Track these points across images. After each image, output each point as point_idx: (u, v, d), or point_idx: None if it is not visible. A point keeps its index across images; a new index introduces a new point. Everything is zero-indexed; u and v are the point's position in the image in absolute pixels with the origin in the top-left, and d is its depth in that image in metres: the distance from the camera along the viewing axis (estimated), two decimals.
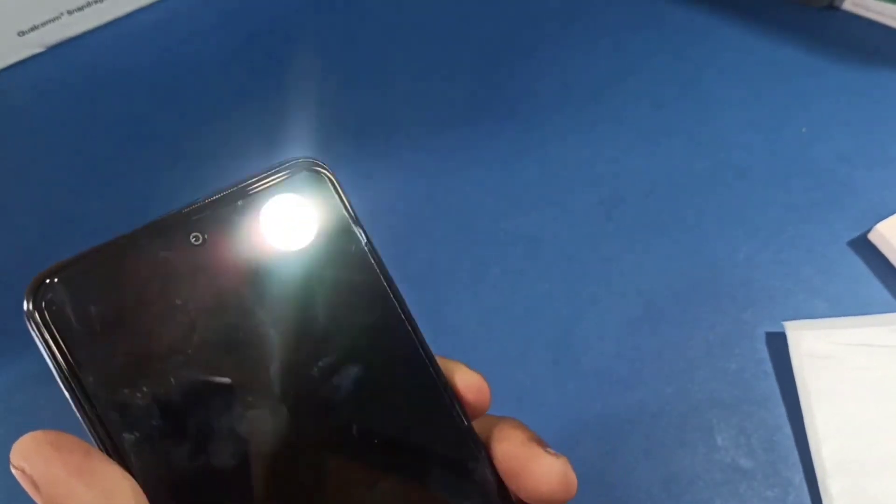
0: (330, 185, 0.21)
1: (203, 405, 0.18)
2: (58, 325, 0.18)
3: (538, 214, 0.38)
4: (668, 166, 0.39)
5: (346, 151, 0.40)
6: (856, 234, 0.36)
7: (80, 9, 0.43)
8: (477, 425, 0.21)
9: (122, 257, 0.19)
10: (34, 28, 0.42)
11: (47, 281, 0.18)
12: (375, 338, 0.21)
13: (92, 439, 0.18)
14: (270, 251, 0.20)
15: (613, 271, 0.36)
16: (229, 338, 0.19)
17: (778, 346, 0.33)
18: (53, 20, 0.43)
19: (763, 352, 0.33)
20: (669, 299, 0.35)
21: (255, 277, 0.20)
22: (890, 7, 0.43)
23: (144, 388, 0.18)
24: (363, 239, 0.21)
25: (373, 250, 0.21)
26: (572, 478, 0.20)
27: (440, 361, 0.22)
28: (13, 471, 0.17)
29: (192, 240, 0.19)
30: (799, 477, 0.30)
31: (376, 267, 0.21)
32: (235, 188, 0.20)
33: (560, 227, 0.37)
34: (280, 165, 0.21)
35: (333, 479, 0.20)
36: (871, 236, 0.36)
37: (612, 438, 0.32)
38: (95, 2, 0.43)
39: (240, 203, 0.20)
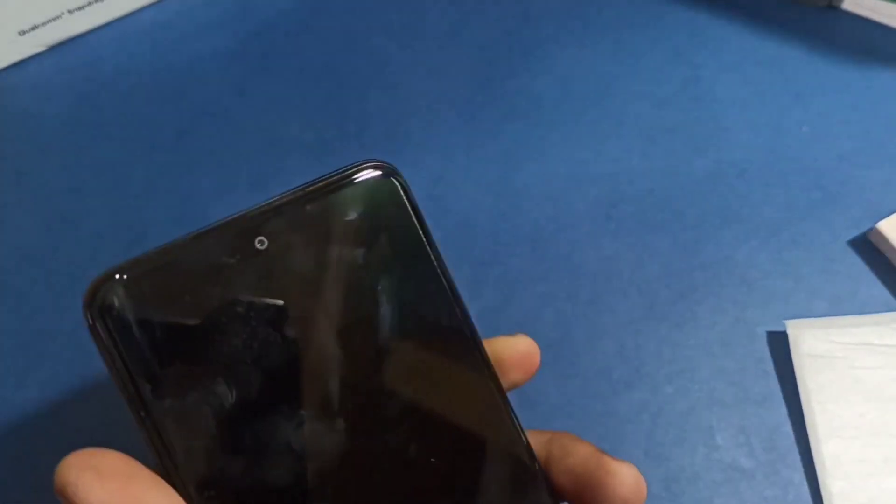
0: (400, 190, 0.20)
1: (261, 416, 0.18)
2: (117, 330, 0.17)
3: (538, 214, 0.38)
4: (668, 166, 0.39)
5: (347, 151, 0.40)
6: (856, 233, 0.36)
7: (81, 8, 0.43)
8: (532, 440, 0.21)
9: (184, 261, 0.18)
10: (35, 27, 0.42)
11: (108, 284, 0.17)
12: (438, 353, 0.20)
13: (148, 448, 0.17)
14: (335, 259, 0.19)
15: (613, 271, 0.36)
16: (290, 347, 0.18)
17: (778, 345, 0.33)
18: (54, 19, 0.43)
19: (763, 351, 0.33)
20: (669, 299, 0.35)
21: (318, 285, 0.19)
22: (890, 7, 0.43)
23: (202, 397, 0.17)
24: (430, 251, 0.21)
25: (440, 261, 0.21)
26: (643, 483, 0.21)
27: (492, 343, 0.22)
28: (57, 496, 0.16)
29: (258, 245, 0.18)
30: (799, 476, 0.30)
31: (443, 279, 0.21)
32: (303, 191, 0.19)
33: (560, 227, 0.37)
34: (349, 168, 0.20)
35: (391, 494, 0.19)
36: (872, 235, 0.36)
37: (612, 438, 0.32)
38: (96, 1, 0.43)
39: (308, 208, 0.19)
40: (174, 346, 0.17)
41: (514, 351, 0.22)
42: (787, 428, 0.31)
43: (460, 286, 0.22)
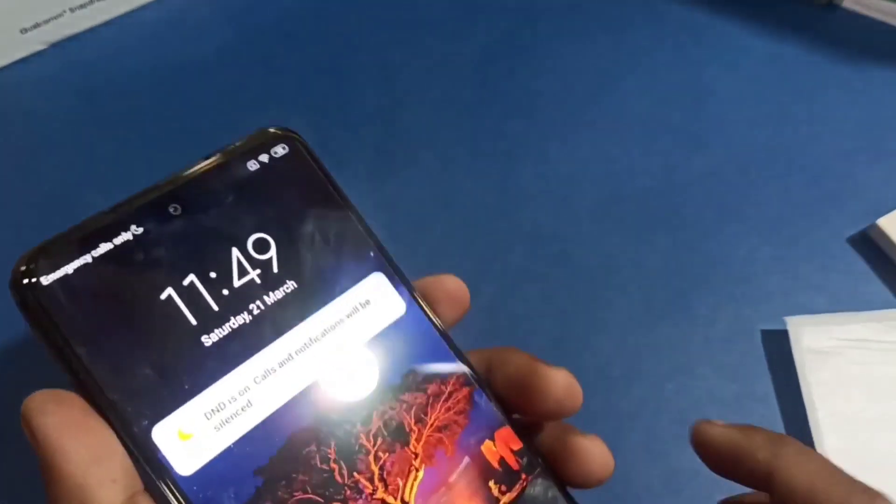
0: (300, 146, 0.22)
1: (199, 368, 0.19)
2: (48, 304, 0.18)
3: (538, 212, 0.38)
4: (668, 164, 0.39)
5: (347, 150, 0.40)
6: (856, 230, 0.36)
7: (83, 6, 0.43)
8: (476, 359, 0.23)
9: (104, 232, 0.19)
10: (36, 25, 0.42)
11: (33, 263, 0.18)
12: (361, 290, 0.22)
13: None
14: (250, 218, 0.21)
15: (613, 268, 0.36)
16: (217, 302, 0.20)
17: (778, 341, 0.33)
18: (56, 18, 0.43)
19: (763, 348, 0.33)
20: (669, 296, 0.35)
21: (234, 242, 0.20)
22: (890, 5, 0.43)
23: (139, 357, 0.18)
24: (339, 198, 0.22)
25: (351, 207, 0.22)
26: (577, 386, 0.21)
27: (423, 283, 0.23)
28: (23, 426, 0.18)
29: (171, 211, 0.20)
30: None
31: (358, 225, 0.22)
32: (208, 160, 0.21)
33: (560, 225, 0.37)
34: (250, 135, 0.22)
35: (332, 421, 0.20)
36: (872, 232, 0.36)
37: (613, 434, 0.32)
38: (98, 0, 0.44)
39: (214, 172, 0.21)
40: (104, 313, 0.18)
41: (441, 289, 0.23)
42: (788, 424, 0.31)
43: None
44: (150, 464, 0.18)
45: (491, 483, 0.21)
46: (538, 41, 0.44)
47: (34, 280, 0.18)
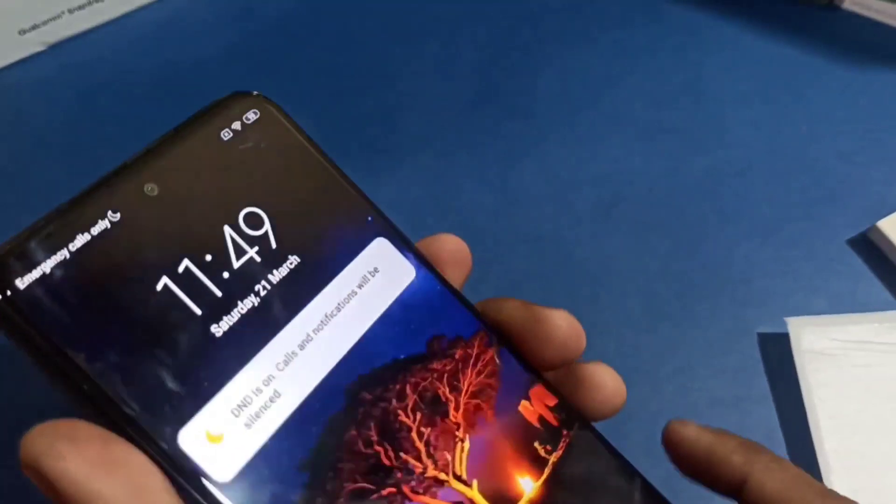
0: (270, 107, 0.20)
1: (215, 361, 0.17)
2: (28, 312, 0.16)
3: (538, 213, 0.38)
4: (667, 165, 0.39)
5: (347, 150, 0.40)
6: (856, 232, 0.36)
7: (82, 7, 0.43)
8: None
9: (77, 222, 0.17)
10: (35, 27, 0.42)
11: (3, 264, 0.16)
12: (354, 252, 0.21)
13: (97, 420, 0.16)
14: (235, 191, 0.19)
15: (613, 270, 0.36)
16: (219, 287, 0.18)
17: (778, 343, 0.33)
18: (54, 19, 0.43)
19: (763, 350, 0.33)
20: (669, 298, 0.35)
21: (226, 220, 0.19)
22: (890, 6, 0.43)
23: (146, 358, 0.16)
24: (325, 161, 0.21)
25: (335, 166, 0.21)
26: (579, 326, 0.21)
27: (420, 244, 0.22)
28: (25, 472, 0.15)
29: (147, 191, 0.18)
30: None
31: (347, 184, 0.21)
32: (178, 131, 0.19)
33: (560, 226, 0.37)
34: (218, 101, 0.20)
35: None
36: (871, 234, 0.36)
37: (612, 436, 0.32)
38: (96, 0, 0.44)
39: (187, 143, 0.19)
40: (96, 314, 0.16)
41: (443, 249, 0.22)
42: (788, 426, 0.31)
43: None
44: (184, 476, 0.16)
45: (536, 444, 0.20)
46: (538, 41, 0.44)
47: (7, 285, 0.15)
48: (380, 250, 0.21)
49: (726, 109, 0.41)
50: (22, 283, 0.16)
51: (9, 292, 0.15)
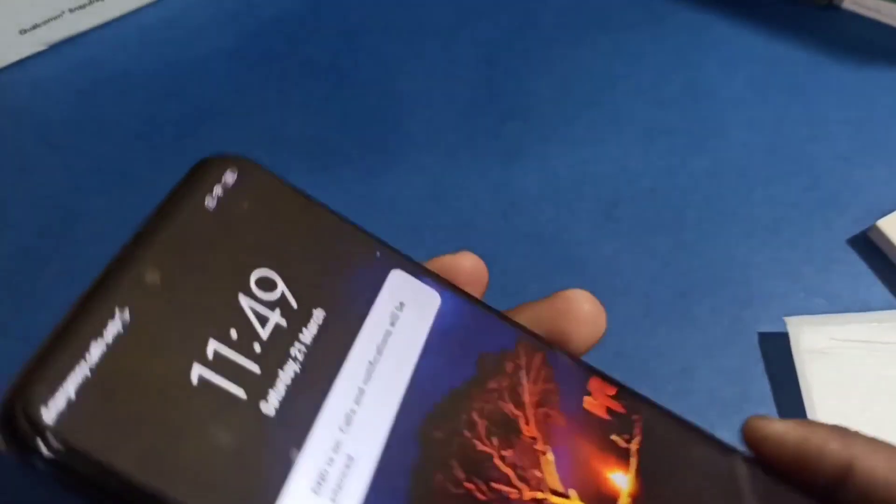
0: (251, 167, 0.19)
1: (277, 441, 0.16)
2: (68, 447, 0.14)
3: (538, 214, 0.38)
4: (667, 165, 0.39)
5: (347, 150, 0.40)
6: (855, 231, 0.36)
7: (82, 7, 0.43)
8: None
9: (88, 332, 0.15)
10: (35, 26, 0.42)
11: (20, 405, 0.14)
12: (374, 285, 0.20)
13: None
14: (239, 258, 0.18)
15: (613, 270, 0.36)
16: (255, 362, 0.17)
17: (778, 343, 0.33)
18: (55, 18, 0.43)
19: (763, 350, 0.33)
20: (669, 298, 0.35)
21: (239, 291, 0.17)
22: (890, 6, 0.43)
23: (205, 461, 0.15)
24: (316, 204, 0.20)
25: (332, 211, 0.20)
26: (591, 296, 0.21)
27: (434, 264, 0.22)
28: None
29: (150, 279, 0.16)
30: None
31: (349, 226, 0.20)
32: (161, 212, 0.18)
33: (560, 227, 0.37)
34: (196, 169, 0.19)
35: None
36: (871, 234, 0.36)
37: None
38: (96, 0, 0.44)
39: (178, 224, 0.17)
40: (139, 427, 0.15)
41: (460, 271, 0.22)
42: None
43: None
44: None
45: (613, 437, 0.20)
46: (538, 41, 0.44)
47: (39, 433, 0.13)
48: (399, 283, 0.20)
49: (726, 109, 0.41)
50: (49, 415, 0.14)
51: (45, 450, 0.13)
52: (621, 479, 0.19)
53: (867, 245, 0.36)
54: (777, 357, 0.33)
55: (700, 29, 0.44)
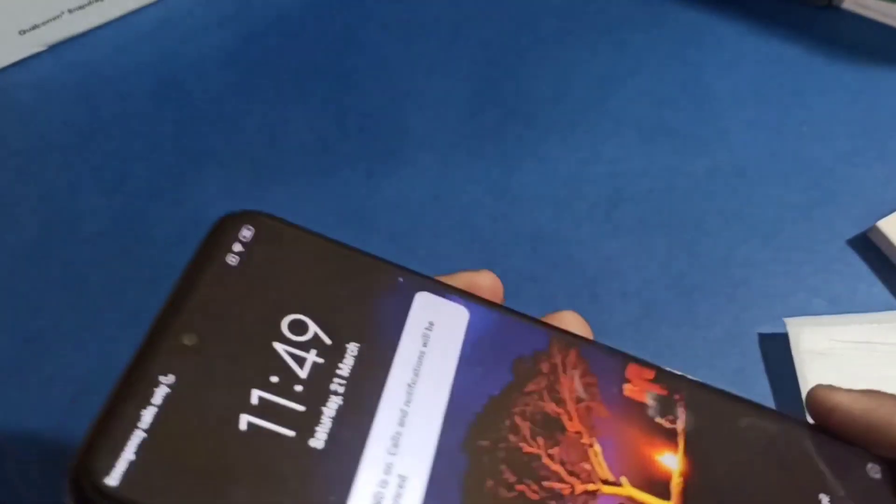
0: (266, 220, 0.20)
1: (331, 474, 0.17)
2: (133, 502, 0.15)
3: (538, 213, 0.38)
4: (667, 166, 0.39)
5: (347, 150, 0.40)
6: (856, 232, 0.36)
7: (82, 7, 0.43)
8: None
9: (138, 401, 0.16)
10: (35, 27, 0.42)
11: (86, 473, 0.15)
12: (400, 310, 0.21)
13: None
14: (269, 308, 0.19)
15: (613, 271, 0.36)
16: (299, 402, 0.18)
17: (778, 344, 0.33)
18: (54, 19, 0.43)
19: (763, 351, 0.33)
20: (669, 299, 0.35)
21: (273, 339, 0.18)
22: (890, 6, 0.43)
23: (261, 498, 0.16)
24: (332, 244, 0.20)
25: (347, 246, 0.21)
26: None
27: (455, 280, 0.22)
28: None
29: (187, 342, 0.17)
30: None
31: (366, 257, 0.21)
32: (187, 277, 0.19)
33: (560, 227, 0.37)
34: (215, 229, 0.19)
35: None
36: (871, 234, 0.36)
37: None
38: (97, 0, 0.44)
39: (204, 285, 0.18)
40: (196, 475, 0.16)
41: (478, 286, 0.22)
42: None
43: None
44: None
45: (658, 420, 0.20)
46: (539, 41, 0.44)
47: (101, 487, 0.15)
48: (425, 304, 0.21)
49: (726, 110, 0.41)
50: (112, 480, 0.15)
51: (105, 493, 0.15)
52: (671, 460, 0.20)
53: (867, 246, 0.36)
54: (777, 358, 0.33)
55: (700, 29, 0.44)
